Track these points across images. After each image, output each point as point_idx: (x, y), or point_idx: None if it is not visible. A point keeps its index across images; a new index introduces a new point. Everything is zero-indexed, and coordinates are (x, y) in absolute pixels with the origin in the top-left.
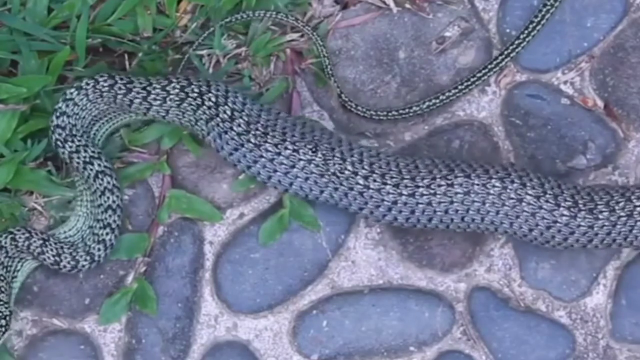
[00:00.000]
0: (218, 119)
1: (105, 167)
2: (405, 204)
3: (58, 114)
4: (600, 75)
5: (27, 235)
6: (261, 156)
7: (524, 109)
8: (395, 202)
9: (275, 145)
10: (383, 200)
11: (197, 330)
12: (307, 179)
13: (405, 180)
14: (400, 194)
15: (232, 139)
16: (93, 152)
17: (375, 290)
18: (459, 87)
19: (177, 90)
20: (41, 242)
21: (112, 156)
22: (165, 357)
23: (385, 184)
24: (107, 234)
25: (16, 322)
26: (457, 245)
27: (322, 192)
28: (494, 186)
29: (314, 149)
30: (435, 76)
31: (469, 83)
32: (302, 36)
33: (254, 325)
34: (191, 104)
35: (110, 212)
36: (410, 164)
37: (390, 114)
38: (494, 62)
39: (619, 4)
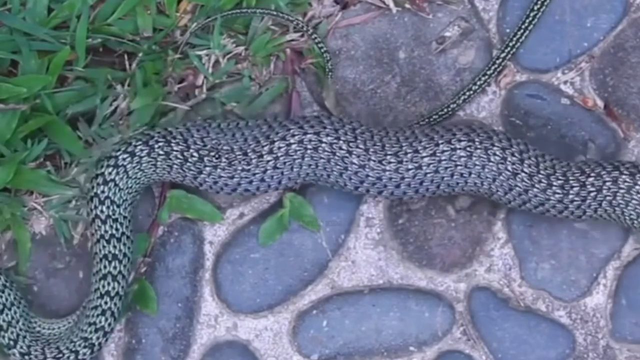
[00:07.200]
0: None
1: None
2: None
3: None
4: (600, 75)
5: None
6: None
7: (524, 109)
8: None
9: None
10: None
11: (197, 330)
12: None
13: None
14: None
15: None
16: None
17: (375, 290)
18: (453, 103)
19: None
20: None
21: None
22: (165, 357)
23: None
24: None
25: None
26: (457, 245)
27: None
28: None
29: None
30: (435, 76)
31: (461, 102)
32: (302, 36)
33: (254, 325)
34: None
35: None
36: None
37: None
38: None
39: (619, 4)
